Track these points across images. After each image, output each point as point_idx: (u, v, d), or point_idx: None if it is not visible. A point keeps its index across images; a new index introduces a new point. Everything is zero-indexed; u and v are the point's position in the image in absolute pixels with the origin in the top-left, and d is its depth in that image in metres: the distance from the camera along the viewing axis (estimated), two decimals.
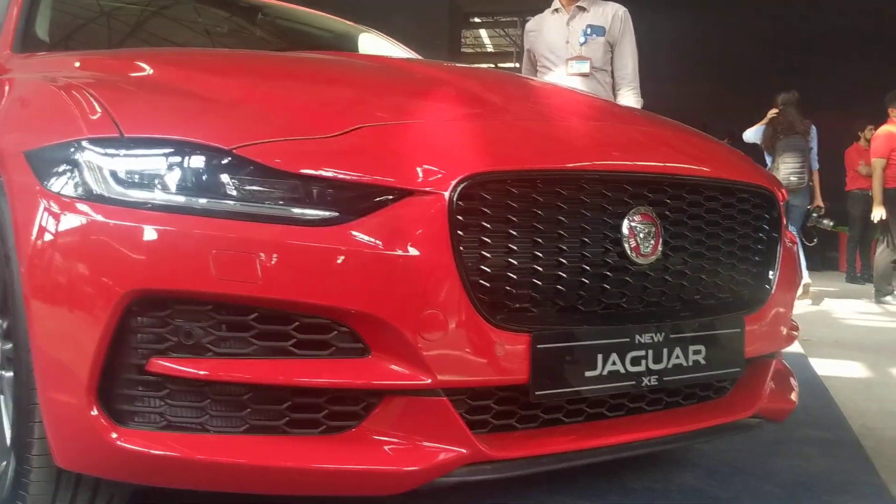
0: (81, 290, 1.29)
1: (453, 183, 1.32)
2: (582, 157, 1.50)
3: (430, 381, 1.29)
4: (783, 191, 1.92)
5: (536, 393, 1.37)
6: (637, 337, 1.49)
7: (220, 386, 1.29)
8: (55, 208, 1.33)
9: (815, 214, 7.44)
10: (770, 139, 7.34)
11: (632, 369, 1.48)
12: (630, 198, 1.51)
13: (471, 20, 21.60)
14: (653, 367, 1.51)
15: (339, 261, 1.27)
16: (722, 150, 1.87)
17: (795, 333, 2.00)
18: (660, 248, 1.53)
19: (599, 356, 1.44)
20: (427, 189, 1.31)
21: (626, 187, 1.51)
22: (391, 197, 1.31)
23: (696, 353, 1.57)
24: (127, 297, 1.26)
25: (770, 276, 1.74)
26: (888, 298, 7.01)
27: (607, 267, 1.48)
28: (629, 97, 3.73)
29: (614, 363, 1.46)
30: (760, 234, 1.74)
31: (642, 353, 1.49)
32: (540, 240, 1.40)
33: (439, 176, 1.32)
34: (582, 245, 1.45)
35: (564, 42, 3.74)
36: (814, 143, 7.38)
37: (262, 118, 1.41)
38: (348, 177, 1.31)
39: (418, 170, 1.33)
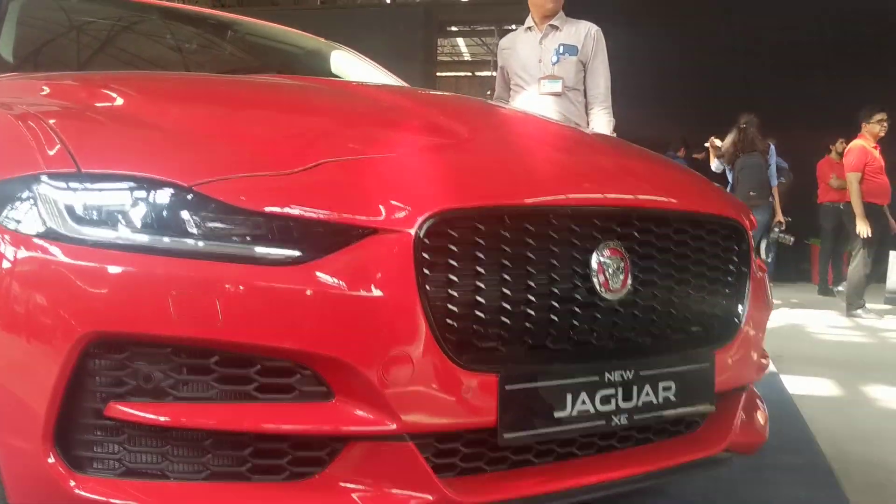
0: (37, 332, 1.25)
1: (419, 220, 1.29)
2: (550, 192, 1.48)
3: (395, 426, 1.26)
4: (752, 218, 1.91)
5: (505, 436, 1.35)
6: (607, 375, 1.47)
7: (180, 431, 1.25)
8: (10, 244, 1.29)
9: (776, 229, 7.67)
10: (731, 158, 7.74)
11: (602, 408, 1.46)
12: (599, 232, 1.49)
13: (447, 29, 21.67)
14: (623, 405, 1.49)
15: (301, 302, 1.24)
16: (691, 180, 1.86)
17: (766, 362, 1.99)
18: (629, 282, 1.51)
19: (569, 396, 1.42)
20: (392, 227, 1.28)
21: (594, 222, 1.49)
22: (355, 235, 1.28)
23: (666, 389, 1.56)
24: (84, 339, 1.22)
25: (740, 309, 1.73)
26: (859, 312, 7.07)
27: (576, 303, 1.46)
28: (601, 116, 3.74)
29: (584, 402, 1.44)
30: (730, 266, 1.73)
31: (612, 391, 1.47)
32: (507, 276, 1.38)
33: (404, 213, 1.30)
34: (550, 281, 1.43)
35: (537, 61, 3.75)
36: (773, 161, 7.62)
37: (223, 152, 1.38)
38: (311, 215, 1.28)
39: (383, 207, 1.30)
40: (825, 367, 4.73)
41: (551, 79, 3.72)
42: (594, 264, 1.47)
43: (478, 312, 1.35)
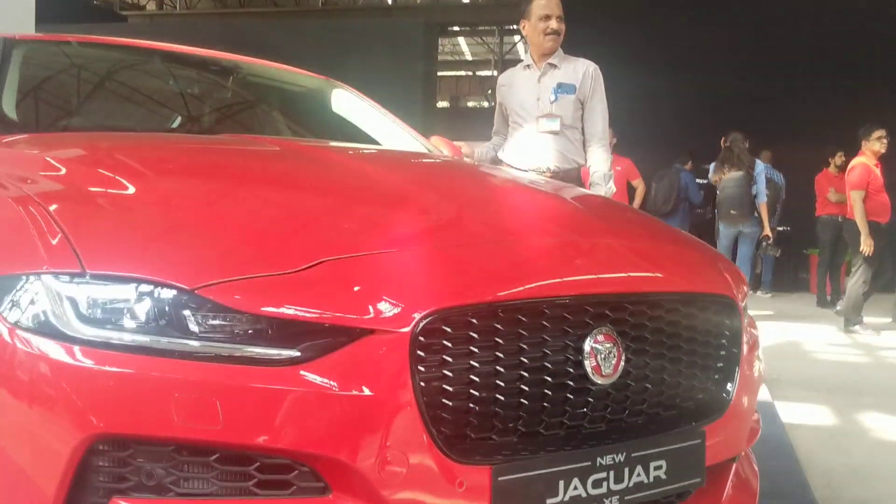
0: (44, 429, 1.29)
1: (415, 320, 1.33)
2: (543, 283, 1.51)
3: None
4: (744, 289, 1.95)
5: None
6: (599, 459, 1.50)
7: None
8: (12, 341, 1.32)
9: (763, 244, 7.84)
10: (717, 173, 8.03)
11: (593, 492, 1.49)
12: (591, 318, 1.53)
13: (449, 28, 21.70)
14: (614, 487, 1.52)
15: (297, 403, 1.27)
16: (684, 255, 1.89)
17: (757, 428, 2.03)
18: (621, 365, 1.55)
19: (561, 482, 1.45)
20: (388, 328, 1.32)
21: (587, 308, 1.52)
22: (352, 336, 1.31)
23: (658, 468, 1.59)
24: (87, 440, 1.26)
25: (731, 383, 1.76)
26: (857, 328, 7.12)
27: (569, 390, 1.49)
28: (599, 154, 3.78)
29: (576, 488, 1.47)
30: (722, 341, 1.77)
31: (604, 475, 1.51)
32: (501, 368, 1.41)
33: (400, 313, 1.33)
34: (543, 370, 1.46)
35: (535, 99, 3.78)
36: (760, 178, 7.67)
37: (223, 249, 1.41)
38: (309, 316, 1.31)
39: (379, 308, 1.33)
40: (820, 392, 4.77)
41: (549, 117, 3.76)
42: (586, 350, 1.50)
43: (471, 405, 1.38)
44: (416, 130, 3.33)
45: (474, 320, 1.39)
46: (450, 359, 1.36)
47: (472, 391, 1.38)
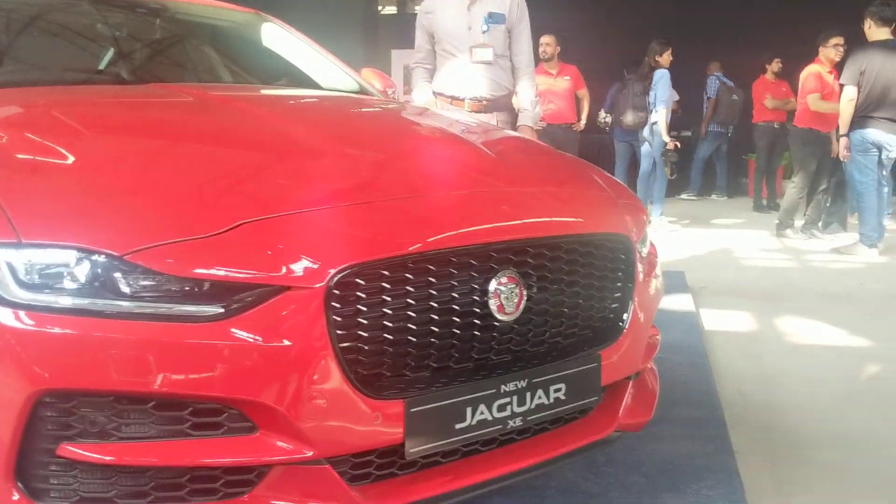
0: None
1: (329, 275, 1.47)
2: (450, 235, 1.65)
3: (312, 452, 1.48)
4: (642, 220, 2.12)
5: (410, 451, 1.57)
6: (503, 387, 1.69)
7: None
8: None
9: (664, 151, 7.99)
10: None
11: (498, 415, 1.69)
12: (496, 263, 1.69)
13: None
14: (517, 410, 1.72)
15: (222, 355, 1.42)
16: (585, 197, 2.04)
17: (655, 343, 2.24)
18: (523, 303, 1.72)
19: (468, 409, 1.64)
20: (303, 284, 1.46)
21: (491, 255, 1.68)
22: (272, 293, 1.45)
23: (557, 391, 1.79)
24: (34, 395, 1.40)
25: (626, 311, 1.95)
26: (788, 232, 7.42)
27: (476, 328, 1.66)
28: (527, 84, 3.95)
29: (482, 413, 1.66)
30: (617, 274, 1.95)
31: (508, 399, 1.70)
32: (412, 313, 1.57)
33: (314, 270, 1.47)
34: (452, 312, 1.63)
35: (466, 28, 3.85)
36: (658, 87, 7.75)
37: (150, 215, 1.52)
38: (231, 275, 1.45)
39: (296, 265, 1.47)
40: (744, 299, 5.06)
41: (482, 47, 3.85)
42: (491, 292, 1.67)
43: (386, 347, 1.55)
44: (358, 39, 3.39)
45: (385, 272, 1.54)
46: (364, 308, 1.52)
47: (385, 335, 1.55)
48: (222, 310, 1.44)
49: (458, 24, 3.86)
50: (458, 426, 1.63)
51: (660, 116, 7.77)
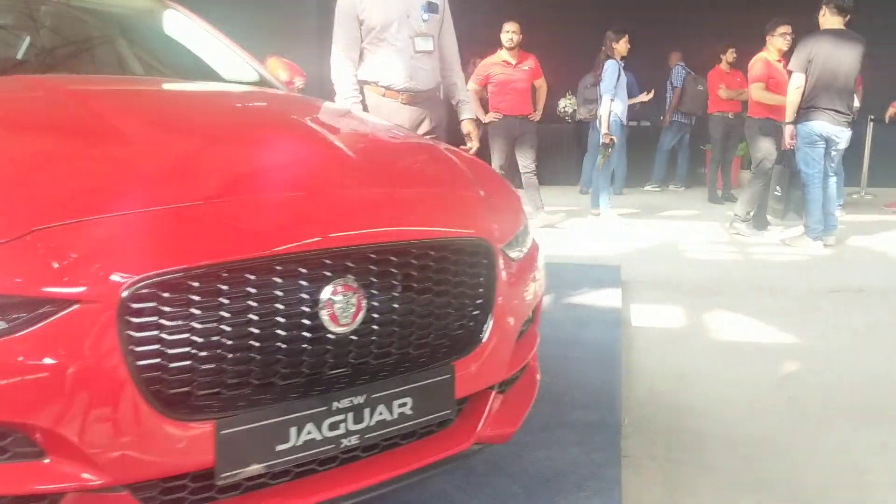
0: None
1: (122, 287, 1.36)
2: (275, 241, 1.54)
3: (103, 480, 1.37)
4: (510, 223, 2.03)
5: (221, 475, 1.47)
6: (335, 403, 1.59)
7: None
8: None
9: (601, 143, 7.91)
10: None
11: (329, 434, 1.59)
12: (330, 271, 1.58)
13: None
14: (353, 427, 1.62)
15: (5, 374, 1.31)
16: (444, 200, 1.94)
17: (530, 344, 2.15)
18: (362, 314, 1.62)
19: (293, 429, 1.54)
20: (93, 298, 1.35)
21: (324, 262, 1.58)
22: (58, 307, 1.34)
23: (402, 405, 1.70)
24: None
25: (486, 319, 1.86)
26: (742, 227, 7.31)
27: (305, 341, 1.56)
28: (461, 76, 3.92)
29: (310, 432, 1.56)
30: (477, 279, 1.85)
31: (341, 417, 1.60)
32: (226, 327, 1.46)
33: (107, 282, 1.36)
34: (275, 325, 1.52)
35: (405, 16, 3.75)
36: (604, 78, 7.65)
37: None
38: (16, 288, 1.34)
39: (86, 278, 1.36)
40: (678, 293, 5.01)
41: (424, 37, 3.75)
42: (323, 302, 1.56)
43: (194, 364, 1.44)
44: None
45: (193, 282, 1.43)
46: (167, 322, 1.41)
47: (194, 352, 1.44)
48: (5, 325, 1.33)
49: (395, 11, 3.74)
50: (279, 448, 1.53)
51: (603, 108, 7.68)
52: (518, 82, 7.56)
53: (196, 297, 1.44)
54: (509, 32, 7.41)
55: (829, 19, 6.46)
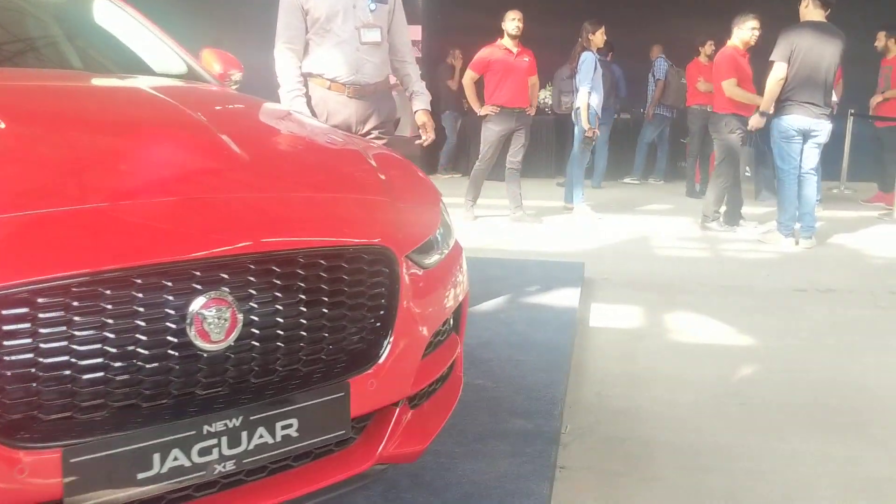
0: None
1: None
2: (134, 251, 1.41)
3: None
4: (423, 227, 1.91)
5: None
6: (205, 427, 1.46)
7: None
8: None
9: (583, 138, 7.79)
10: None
11: (200, 460, 1.46)
12: (200, 283, 1.46)
13: None
14: (228, 452, 1.49)
15: None
16: (339, 205, 1.80)
17: (456, 348, 2.03)
18: (238, 330, 1.49)
19: (156, 455, 1.41)
20: None
21: (193, 273, 1.45)
22: None
23: (287, 427, 1.57)
24: None
25: (387, 332, 1.74)
26: (713, 225, 7.20)
27: (169, 360, 1.43)
28: (415, 67, 3.82)
29: (176, 458, 1.43)
30: (376, 290, 1.73)
31: (213, 441, 1.47)
32: (77, 346, 1.34)
33: None
34: (134, 342, 1.39)
35: (351, 7, 3.62)
36: (581, 70, 7.52)
37: None
38: None
39: None
40: (642, 292, 4.90)
41: (371, 28, 3.62)
42: (190, 317, 1.44)
43: (39, 387, 1.31)
44: None
45: (36, 298, 1.30)
46: (7, 341, 1.28)
47: (37, 373, 1.31)
48: None
49: (341, 2, 3.60)
50: (141, 476, 1.40)
51: (580, 100, 7.55)
52: (518, 73, 7.22)
53: (42, 315, 1.31)
54: (515, 20, 7.14)
55: (812, 12, 6.33)
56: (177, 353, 1.44)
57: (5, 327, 1.28)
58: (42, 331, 1.31)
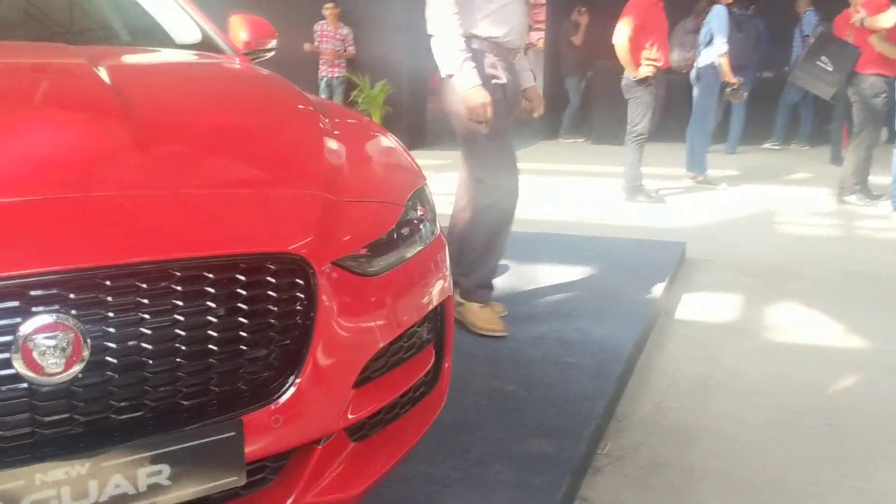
0: None
1: None
2: None
3: None
4: (371, 225, 1.58)
5: None
6: (39, 476, 1.22)
7: None
8: None
9: (727, 90, 7.19)
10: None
11: None
12: (34, 305, 1.20)
13: None
14: None
15: None
16: (250, 201, 1.48)
17: (421, 370, 1.70)
18: (82, 361, 1.23)
19: None
20: None
21: (27, 293, 1.20)
22: None
23: (155, 474, 1.30)
24: None
25: (298, 360, 1.43)
26: (852, 198, 6.39)
27: None
28: None
29: None
30: (286, 308, 1.42)
31: (51, 493, 1.23)
32: None
33: None
34: None
35: None
36: (713, 25, 6.83)
37: None
38: None
39: None
40: (752, 277, 4.35)
41: None
42: (17, 346, 1.19)
43: None
44: None
45: None
46: None
47: None
48: None
49: None
50: None
51: (720, 53, 6.82)
52: (666, 27, 6.49)
53: None
54: None
55: None
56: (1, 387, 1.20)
57: None
58: None
